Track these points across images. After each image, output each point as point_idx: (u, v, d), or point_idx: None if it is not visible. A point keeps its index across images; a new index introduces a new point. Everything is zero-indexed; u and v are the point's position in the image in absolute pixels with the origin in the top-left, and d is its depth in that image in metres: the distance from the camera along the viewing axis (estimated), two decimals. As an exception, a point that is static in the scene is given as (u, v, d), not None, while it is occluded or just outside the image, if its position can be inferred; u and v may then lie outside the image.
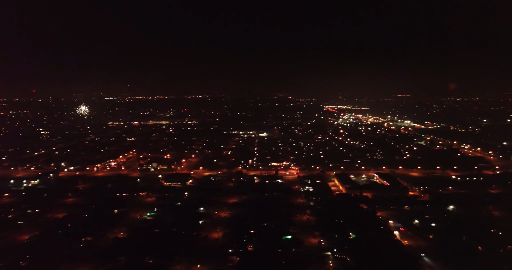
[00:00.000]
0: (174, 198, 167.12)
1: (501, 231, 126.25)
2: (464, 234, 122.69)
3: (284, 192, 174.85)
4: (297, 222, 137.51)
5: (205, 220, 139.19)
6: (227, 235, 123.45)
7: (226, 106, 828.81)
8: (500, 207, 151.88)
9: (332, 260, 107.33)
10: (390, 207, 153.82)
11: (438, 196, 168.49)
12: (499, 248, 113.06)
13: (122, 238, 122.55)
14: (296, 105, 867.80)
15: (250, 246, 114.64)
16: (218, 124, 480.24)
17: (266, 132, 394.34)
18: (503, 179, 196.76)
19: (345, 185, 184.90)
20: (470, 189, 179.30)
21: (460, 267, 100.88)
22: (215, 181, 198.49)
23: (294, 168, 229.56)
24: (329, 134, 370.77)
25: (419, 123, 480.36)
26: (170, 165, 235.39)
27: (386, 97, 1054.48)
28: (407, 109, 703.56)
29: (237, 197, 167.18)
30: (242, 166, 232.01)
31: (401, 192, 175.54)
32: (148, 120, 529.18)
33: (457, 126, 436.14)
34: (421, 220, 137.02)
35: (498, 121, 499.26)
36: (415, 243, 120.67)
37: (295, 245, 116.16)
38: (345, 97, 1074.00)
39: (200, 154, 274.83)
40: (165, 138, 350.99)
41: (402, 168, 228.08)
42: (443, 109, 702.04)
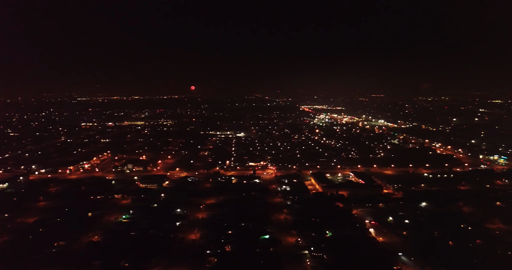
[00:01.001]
0: (150, 200, 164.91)
1: (471, 226, 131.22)
2: (435, 230, 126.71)
3: (262, 192, 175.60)
4: (275, 222, 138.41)
5: (182, 222, 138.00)
6: (204, 236, 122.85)
7: (203, 106, 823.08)
8: (469, 203, 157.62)
9: (310, 258, 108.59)
10: (365, 205, 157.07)
11: (411, 193, 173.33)
12: (468, 243, 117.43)
13: (96, 242, 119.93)
14: (273, 105, 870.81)
15: (228, 247, 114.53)
16: (194, 125, 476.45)
17: (244, 132, 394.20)
18: (472, 176, 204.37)
19: (321, 184, 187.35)
20: (441, 186, 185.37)
21: (432, 262, 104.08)
22: (192, 182, 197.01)
23: (272, 167, 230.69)
24: (305, 134, 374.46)
25: (392, 122, 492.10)
26: (146, 167, 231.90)
27: (361, 97, 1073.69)
28: (381, 108, 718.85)
29: (214, 197, 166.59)
30: (220, 166, 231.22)
31: (375, 190, 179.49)
32: (123, 120, 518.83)
33: (429, 125, 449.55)
34: (395, 217, 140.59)
35: (467, 120, 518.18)
36: (390, 239, 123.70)
37: (273, 244, 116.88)
38: (321, 97, 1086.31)
39: (176, 155, 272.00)
40: (141, 139, 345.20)
41: (376, 167, 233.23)
42: (415, 108, 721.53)
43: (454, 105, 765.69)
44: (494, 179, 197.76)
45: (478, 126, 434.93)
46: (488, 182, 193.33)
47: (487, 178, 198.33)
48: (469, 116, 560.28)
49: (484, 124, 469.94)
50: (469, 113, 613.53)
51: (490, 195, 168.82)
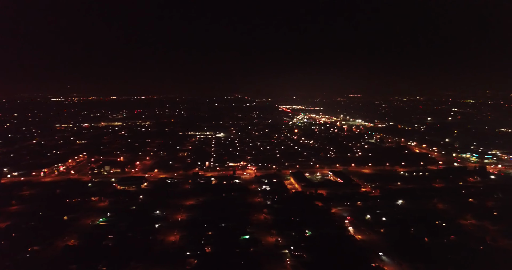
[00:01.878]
0: (128, 202, 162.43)
1: (445, 223, 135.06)
2: (412, 227, 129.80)
3: (242, 192, 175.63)
4: (255, 222, 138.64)
5: (162, 223, 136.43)
6: (184, 238, 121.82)
7: (182, 106, 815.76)
8: (443, 200, 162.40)
9: (290, 257, 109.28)
10: (344, 204, 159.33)
11: (388, 191, 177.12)
12: (443, 239, 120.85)
13: (72, 246, 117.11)
14: (253, 105, 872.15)
15: (208, 248, 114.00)
16: (173, 125, 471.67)
17: (223, 132, 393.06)
18: (445, 173, 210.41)
19: (300, 183, 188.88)
20: (417, 184, 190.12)
21: (409, 258, 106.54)
22: (171, 183, 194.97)
23: (251, 168, 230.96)
24: (284, 134, 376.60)
25: (369, 122, 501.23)
26: (124, 168, 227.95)
27: (339, 97, 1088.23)
28: (358, 108, 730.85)
29: (194, 199, 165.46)
30: (199, 167, 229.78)
31: (353, 189, 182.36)
32: (100, 121, 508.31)
33: (404, 125, 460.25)
34: (373, 215, 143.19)
35: (441, 119, 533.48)
36: (368, 237, 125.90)
37: (253, 244, 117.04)
38: (299, 97, 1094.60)
39: (155, 156, 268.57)
40: (118, 140, 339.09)
41: (354, 166, 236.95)
42: (391, 108, 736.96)
43: (429, 105, 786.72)
44: (467, 177, 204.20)
45: (451, 125, 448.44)
46: (461, 179, 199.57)
47: (460, 176, 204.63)
48: (443, 116, 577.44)
49: (457, 123, 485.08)
50: (443, 112, 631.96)
51: (463, 192, 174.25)
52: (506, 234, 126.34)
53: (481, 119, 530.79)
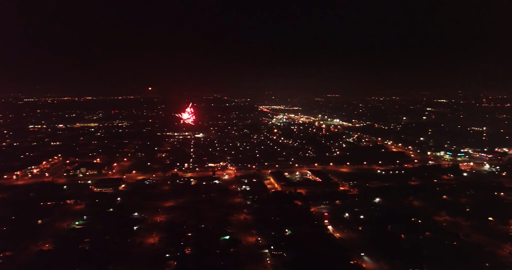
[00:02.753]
0: (105, 204, 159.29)
1: (420, 219, 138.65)
2: (389, 224, 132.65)
3: (222, 193, 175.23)
4: (235, 222, 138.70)
5: (140, 226, 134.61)
6: (163, 240, 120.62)
7: (160, 106, 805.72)
8: (419, 197, 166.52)
9: (270, 257, 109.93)
10: (322, 202, 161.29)
11: (366, 189, 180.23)
12: (418, 235, 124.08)
13: (47, 251, 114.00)
14: (232, 105, 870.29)
15: (188, 249, 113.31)
16: (151, 126, 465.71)
17: (202, 133, 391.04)
18: (421, 171, 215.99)
19: (280, 182, 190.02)
20: (393, 182, 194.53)
21: (386, 254, 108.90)
22: (149, 184, 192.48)
23: (231, 168, 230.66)
24: (264, 134, 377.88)
25: (347, 121, 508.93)
26: (101, 170, 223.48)
27: (317, 97, 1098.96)
28: (336, 108, 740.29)
29: (173, 200, 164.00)
30: (178, 168, 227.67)
31: (332, 188, 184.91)
32: (75, 122, 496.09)
33: (381, 124, 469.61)
34: (351, 213, 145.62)
35: (416, 118, 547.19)
36: (346, 235, 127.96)
37: (233, 245, 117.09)
38: (278, 97, 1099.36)
39: (132, 157, 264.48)
40: (94, 142, 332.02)
41: (332, 165, 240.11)
42: (368, 108, 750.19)
43: (404, 105, 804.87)
44: (441, 174, 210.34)
45: (426, 124, 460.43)
46: (435, 177, 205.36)
47: (434, 174, 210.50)
48: (418, 115, 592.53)
49: (431, 122, 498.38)
50: (418, 112, 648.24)
51: (437, 190, 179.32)
52: (478, 229, 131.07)
53: (454, 118, 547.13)
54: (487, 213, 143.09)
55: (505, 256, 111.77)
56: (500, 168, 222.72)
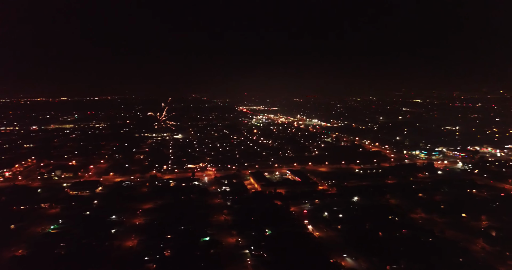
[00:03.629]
0: (82, 207, 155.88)
1: (397, 217, 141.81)
2: (367, 222, 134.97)
3: (201, 194, 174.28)
4: (215, 223, 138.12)
5: (118, 229, 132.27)
6: (142, 242, 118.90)
7: (138, 107, 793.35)
8: (396, 195, 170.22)
9: (250, 257, 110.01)
10: (302, 202, 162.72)
11: (344, 188, 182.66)
12: (396, 233, 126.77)
13: (21, 256, 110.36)
14: (211, 106, 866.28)
15: (167, 252, 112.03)
16: (129, 127, 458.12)
17: (181, 133, 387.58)
18: (397, 170, 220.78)
19: (260, 183, 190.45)
20: (371, 181, 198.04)
21: (365, 252, 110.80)
22: (127, 187, 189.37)
23: (211, 169, 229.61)
24: (244, 134, 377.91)
25: (325, 121, 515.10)
26: (77, 172, 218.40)
27: (296, 97, 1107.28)
28: (315, 108, 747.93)
29: (152, 202, 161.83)
30: (157, 169, 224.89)
31: (311, 187, 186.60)
32: (49, 124, 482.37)
33: (358, 124, 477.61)
34: (330, 212, 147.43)
35: (392, 118, 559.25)
36: (326, 234, 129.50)
37: (214, 246, 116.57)
38: (258, 98, 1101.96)
39: (110, 159, 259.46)
40: (70, 143, 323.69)
41: (311, 164, 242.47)
42: (346, 108, 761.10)
43: (381, 105, 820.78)
44: (416, 173, 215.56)
45: (402, 124, 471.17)
46: (411, 175, 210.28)
47: (410, 172, 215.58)
48: (394, 115, 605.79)
49: (406, 122, 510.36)
50: (394, 112, 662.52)
51: (413, 188, 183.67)
52: (452, 226, 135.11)
53: (429, 118, 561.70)
54: (461, 209, 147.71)
55: (477, 251, 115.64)
56: (472, 166, 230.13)
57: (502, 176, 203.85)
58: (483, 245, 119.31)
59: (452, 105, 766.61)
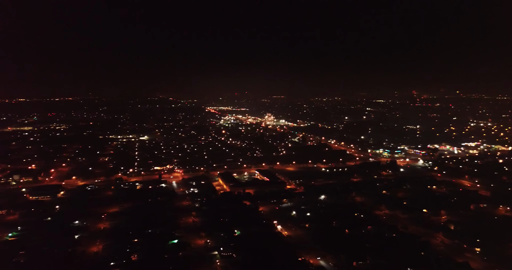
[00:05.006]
0: (42, 213, 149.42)
1: (363, 214, 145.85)
2: (334, 220, 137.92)
3: (169, 196, 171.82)
4: (183, 225, 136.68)
5: (82, 234, 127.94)
6: (107, 247, 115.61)
7: (101, 108, 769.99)
8: (361, 193, 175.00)
9: (219, 258, 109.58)
10: (270, 201, 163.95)
11: (311, 187, 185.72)
12: (361, 229, 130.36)
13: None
14: (178, 106, 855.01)
15: (134, 256, 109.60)
16: (92, 129, 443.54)
17: (147, 135, 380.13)
18: (362, 168, 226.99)
19: (228, 183, 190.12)
20: (337, 179, 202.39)
21: (332, 249, 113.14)
22: (91, 190, 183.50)
23: (178, 170, 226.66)
24: (212, 135, 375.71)
25: (292, 121, 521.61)
26: (37, 177, 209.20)
27: (263, 98, 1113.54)
28: (282, 109, 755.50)
29: (117, 205, 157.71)
30: (122, 172, 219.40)
31: (279, 187, 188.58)
32: (6, 126, 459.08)
33: (324, 124, 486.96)
34: (298, 211, 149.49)
35: (356, 118, 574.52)
36: (294, 233, 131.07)
37: (182, 248, 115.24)
38: (226, 98, 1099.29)
39: (72, 162, 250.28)
40: (29, 146, 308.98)
41: (279, 164, 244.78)
42: (312, 108, 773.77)
43: (345, 105, 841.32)
44: (380, 171, 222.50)
45: (366, 124, 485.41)
46: (376, 173, 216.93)
47: (374, 170, 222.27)
48: (358, 115, 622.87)
49: (370, 121, 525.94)
50: (358, 112, 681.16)
51: (377, 185, 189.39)
52: (414, 221, 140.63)
53: (391, 117, 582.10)
54: (422, 205, 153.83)
55: (438, 245, 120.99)
56: (432, 163, 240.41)
57: (459, 173, 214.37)
58: (443, 238, 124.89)
59: (413, 105, 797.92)
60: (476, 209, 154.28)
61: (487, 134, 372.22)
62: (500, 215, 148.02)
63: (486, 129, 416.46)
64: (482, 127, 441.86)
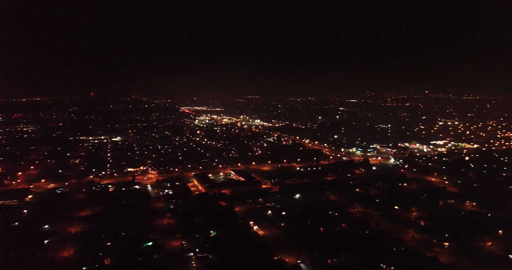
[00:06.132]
0: (9, 218, 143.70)
1: (337, 212, 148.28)
2: (309, 218, 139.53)
3: (143, 198, 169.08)
4: (158, 227, 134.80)
5: (52, 239, 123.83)
6: (79, 252, 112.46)
7: (71, 109, 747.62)
8: (335, 191, 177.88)
9: (195, 260, 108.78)
10: (246, 201, 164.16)
11: (286, 186, 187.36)
12: (335, 227, 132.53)
13: None
14: (152, 106, 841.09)
15: (107, 260, 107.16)
16: (62, 130, 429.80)
17: (120, 136, 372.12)
18: (336, 167, 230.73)
19: (204, 184, 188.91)
20: (311, 178, 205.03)
21: (307, 247, 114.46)
22: (61, 193, 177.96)
23: (152, 172, 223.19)
24: (186, 136, 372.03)
25: (267, 121, 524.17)
26: (3, 180, 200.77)
27: (238, 98, 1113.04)
28: (257, 109, 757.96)
29: (89, 209, 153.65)
30: (94, 174, 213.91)
31: (255, 186, 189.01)
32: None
33: (299, 123, 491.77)
34: (273, 210, 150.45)
35: (330, 117, 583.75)
36: (270, 232, 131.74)
37: (156, 250, 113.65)
38: (200, 98, 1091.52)
39: (41, 165, 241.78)
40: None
41: (255, 164, 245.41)
42: (286, 108, 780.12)
43: (319, 105, 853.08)
44: (353, 169, 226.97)
45: (339, 123, 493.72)
46: (349, 172, 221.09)
47: (348, 169, 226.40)
48: (332, 114, 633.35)
49: (343, 121, 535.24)
50: (332, 111, 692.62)
51: (350, 183, 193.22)
52: (386, 218, 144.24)
53: (363, 117, 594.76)
54: (393, 202, 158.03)
55: (409, 240, 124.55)
56: (402, 161, 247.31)
57: (428, 170, 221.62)
58: (414, 234, 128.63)
59: (384, 104, 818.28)
60: (444, 205, 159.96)
61: (454, 133, 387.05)
62: (467, 210, 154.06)
63: (453, 128, 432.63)
64: (449, 125, 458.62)
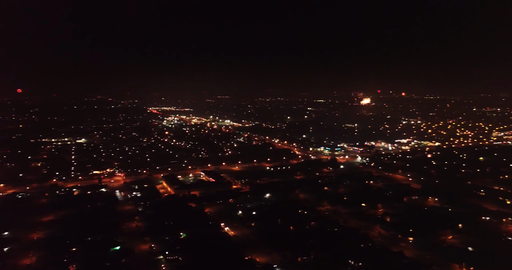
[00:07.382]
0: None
1: (306, 211, 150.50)
2: (279, 218, 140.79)
3: (110, 201, 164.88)
4: (126, 231, 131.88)
5: (12, 246, 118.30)
6: (42, 259, 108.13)
7: (32, 110, 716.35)
8: (304, 190, 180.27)
9: (165, 263, 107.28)
10: (216, 202, 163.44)
11: (257, 186, 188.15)
12: (305, 225, 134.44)
13: None
14: (118, 107, 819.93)
15: (73, 266, 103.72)
16: (22, 132, 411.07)
17: (85, 138, 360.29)
18: (305, 166, 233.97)
19: (173, 186, 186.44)
20: (281, 177, 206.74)
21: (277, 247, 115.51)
22: (22, 198, 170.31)
23: (120, 174, 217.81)
24: (155, 137, 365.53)
25: (237, 122, 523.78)
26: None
27: (208, 98, 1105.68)
28: (227, 109, 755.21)
29: (53, 214, 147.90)
30: (57, 178, 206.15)
31: (225, 187, 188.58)
32: None
33: (268, 123, 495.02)
34: (244, 210, 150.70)
35: (298, 117, 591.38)
36: (241, 232, 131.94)
37: (125, 254, 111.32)
38: (169, 98, 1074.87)
39: (0, 169, 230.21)
40: None
41: (225, 164, 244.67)
42: (256, 108, 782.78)
43: (288, 105, 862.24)
44: (322, 168, 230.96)
45: (307, 123, 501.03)
46: (317, 170, 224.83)
47: (316, 168, 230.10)
48: (300, 114, 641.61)
49: (312, 120, 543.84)
50: (300, 111, 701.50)
51: (319, 182, 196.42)
52: (354, 215, 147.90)
53: (331, 116, 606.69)
54: (360, 200, 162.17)
55: (375, 236, 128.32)
56: (369, 160, 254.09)
57: (393, 168, 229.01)
58: (380, 230, 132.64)
59: (351, 104, 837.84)
60: (409, 201, 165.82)
61: (417, 131, 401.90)
62: (429, 206, 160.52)
63: (416, 127, 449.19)
64: (412, 124, 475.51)
